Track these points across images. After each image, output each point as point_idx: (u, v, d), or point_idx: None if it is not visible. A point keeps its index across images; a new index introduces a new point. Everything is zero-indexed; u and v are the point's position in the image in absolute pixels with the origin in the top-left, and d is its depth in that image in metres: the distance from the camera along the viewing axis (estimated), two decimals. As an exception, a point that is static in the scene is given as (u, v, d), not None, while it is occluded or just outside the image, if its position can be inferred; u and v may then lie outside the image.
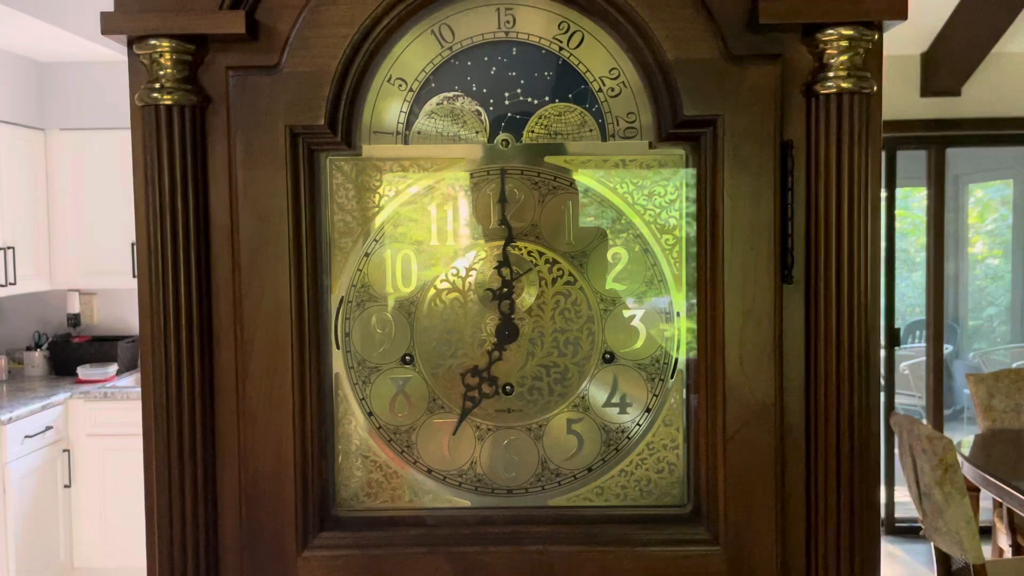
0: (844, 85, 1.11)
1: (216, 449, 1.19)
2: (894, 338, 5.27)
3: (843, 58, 1.12)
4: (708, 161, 1.18)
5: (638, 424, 1.27)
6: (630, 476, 1.27)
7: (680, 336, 1.26)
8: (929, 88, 5.19)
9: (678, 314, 1.25)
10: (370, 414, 1.27)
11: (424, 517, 1.26)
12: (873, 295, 1.15)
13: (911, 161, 5.55)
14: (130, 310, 5.33)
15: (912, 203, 7.47)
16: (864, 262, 1.13)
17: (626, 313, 1.26)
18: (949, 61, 5.03)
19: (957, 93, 5.21)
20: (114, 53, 4.78)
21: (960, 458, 3.55)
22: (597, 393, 1.27)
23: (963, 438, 4.33)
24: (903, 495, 4.02)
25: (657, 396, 1.26)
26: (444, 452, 1.27)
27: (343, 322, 1.26)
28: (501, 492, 1.27)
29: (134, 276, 4.97)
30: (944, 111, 5.25)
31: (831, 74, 1.12)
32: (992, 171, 7.70)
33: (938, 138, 5.35)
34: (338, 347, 1.26)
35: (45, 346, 5.11)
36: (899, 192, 5.56)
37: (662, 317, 1.26)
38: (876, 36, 1.13)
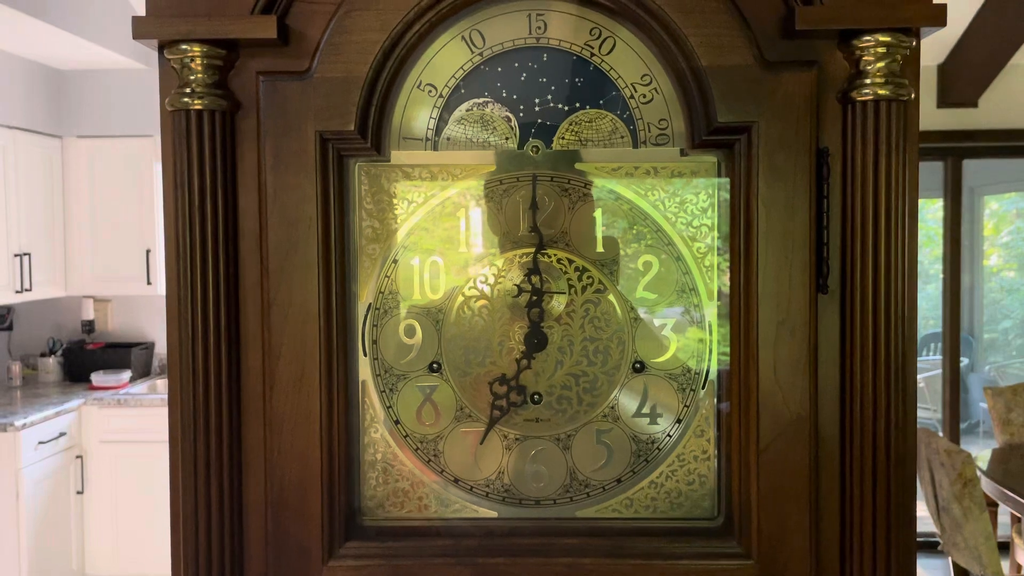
0: (881, 92, 1.10)
1: (242, 457, 1.18)
2: (910, 350, 5.23)
3: (880, 65, 1.10)
4: (742, 169, 1.17)
5: (669, 435, 1.25)
6: (660, 488, 1.25)
7: (712, 346, 1.24)
8: (946, 99, 5.17)
9: (710, 324, 1.24)
10: (397, 422, 1.26)
11: (451, 527, 1.25)
12: (910, 306, 1.13)
13: (924, 172, 5.52)
14: (144, 317, 5.34)
15: (926, 215, 7.44)
16: (902, 272, 1.11)
17: (657, 322, 1.24)
18: (966, 72, 5.02)
19: (974, 104, 5.19)
20: (132, 61, 4.80)
21: (978, 472, 3.52)
22: (627, 403, 1.25)
23: (980, 452, 4.29)
24: (920, 510, 3.97)
25: (688, 407, 1.25)
26: (471, 462, 1.26)
27: (370, 329, 1.25)
28: (529, 503, 1.26)
29: (148, 283, 4.98)
30: (961, 122, 5.23)
31: (868, 81, 1.10)
32: (1008, 183, 7.67)
33: (955, 149, 5.33)
34: (365, 354, 1.25)
35: (59, 352, 5.13)
36: (914, 203, 5.52)
37: (694, 326, 1.24)
38: (913, 43, 1.12)
